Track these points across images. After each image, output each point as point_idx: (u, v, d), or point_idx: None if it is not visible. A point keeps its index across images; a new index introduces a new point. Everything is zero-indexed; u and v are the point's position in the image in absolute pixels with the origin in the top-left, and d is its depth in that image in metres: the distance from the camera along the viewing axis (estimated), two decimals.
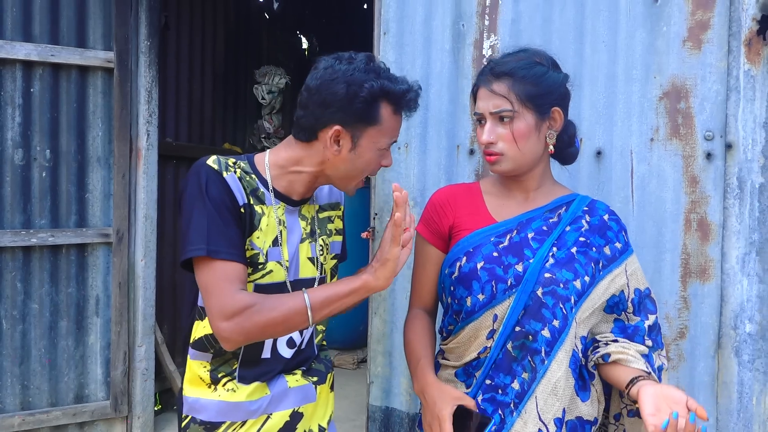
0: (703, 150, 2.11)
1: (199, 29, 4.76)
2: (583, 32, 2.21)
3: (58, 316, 3.13)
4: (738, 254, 2.09)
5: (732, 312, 2.10)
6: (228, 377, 1.58)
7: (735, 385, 2.11)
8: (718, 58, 2.09)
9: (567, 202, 1.71)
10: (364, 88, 1.47)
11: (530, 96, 1.59)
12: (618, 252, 1.67)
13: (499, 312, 1.59)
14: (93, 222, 3.20)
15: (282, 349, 1.61)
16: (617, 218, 1.73)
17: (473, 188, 1.77)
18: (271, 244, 1.56)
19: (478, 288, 1.60)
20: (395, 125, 1.56)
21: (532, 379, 1.57)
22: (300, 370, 1.66)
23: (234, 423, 1.57)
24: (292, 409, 1.61)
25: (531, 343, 1.56)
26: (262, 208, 1.55)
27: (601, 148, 2.19)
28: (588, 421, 1.62)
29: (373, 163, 1.56)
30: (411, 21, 2.35)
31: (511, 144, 1.59)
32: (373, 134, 1.52)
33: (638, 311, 1.66)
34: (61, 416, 3.11)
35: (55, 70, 3.08)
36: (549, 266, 1.59)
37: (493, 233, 1.65)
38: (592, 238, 1.65)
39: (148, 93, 3.32)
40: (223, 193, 1.48)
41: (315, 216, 1.67)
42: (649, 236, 2.15)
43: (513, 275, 1.58)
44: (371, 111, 1.50)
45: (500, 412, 1.59)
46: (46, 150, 3.07)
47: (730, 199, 2.10)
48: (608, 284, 1.64)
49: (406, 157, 2.36)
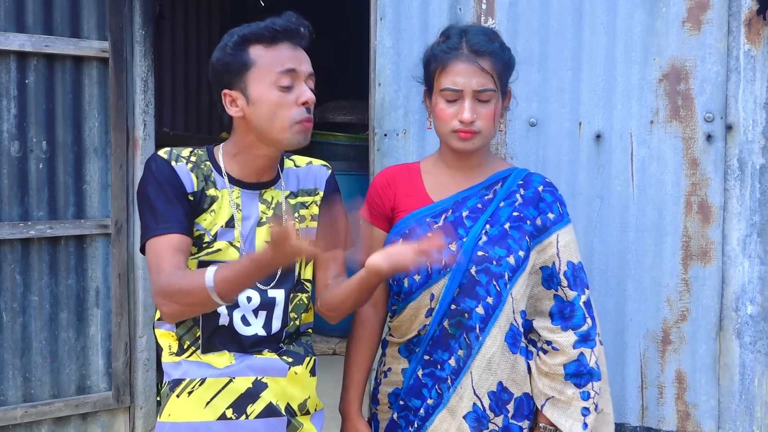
0: (704, 132, 2.10)
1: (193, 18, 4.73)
2: (582, 14, 2.19)
3: (59, 307, 3.12)
4: (739, 236, 2.09)
5: (733, 294, 2.10)
6: (192, 347, 1.62)
7: (737, 367, 2.11)
8: (717, 39, 2.07)
9: (503, 178, 1.73)
10: (227, 46, 1.55)
11: (503, 76, 1.65)
12: (550, 222, 1.69)
13: (435, 291, 1.64)
14: (91, 213, 3.18)
15: (238, 325, 1.61)
16: (553, 189, 1.74)
17: (413, 168, 1.79)
18: (223, 225, 1.60)
19: (414, 269, 1.63)
20: (276, 56, 1.54)
21: (467, 356, 1.62)
22: (269, 351, 1.65)
23: (193, 380, 1.59)
24: (255, 377, 1.60)
25: (467, 321, 1.62)
26: (216, 192, 1.61)
27: (600, 131, 2.18)
28: (530, 395, 1.69)
29: (281, 101, 1.53)
30: (408, 6, 2.33)
31: (488, 123, 1.62)
32: (255, 76, 1.53)
33: (574, 285, 1.68)
34: (63, 407, 3.11)
35: (49, 61, 3.05)
36: (482, 244, 1.62)
37: (428, 214, 1.68)
38: (526, 211, 1.67)
39: (143, 83, 3.29)
40: (172, 181, 1.57)
41: (283, 201, 1.67)
42: (649, 219, 2.15)
43: (446, 255, 1.60)
44: (239, 59, 1.54)
45: (437, 388, 1.65)
46: (42, 141, 3.05)
47: (731, 181, 2.09)
48: (537, 254, 1.67)
49: (405, 143, 2.34)
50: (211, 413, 1.58)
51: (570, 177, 2.20)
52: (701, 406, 2.14)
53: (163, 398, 1.64)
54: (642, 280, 2.16)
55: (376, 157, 2.37)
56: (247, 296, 1.61)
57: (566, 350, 1.64)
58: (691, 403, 2.15)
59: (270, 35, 1.54)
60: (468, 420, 1.62)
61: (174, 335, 1.63)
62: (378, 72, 2.36)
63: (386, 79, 2.34)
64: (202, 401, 1.58)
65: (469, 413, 1.61)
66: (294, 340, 1.71)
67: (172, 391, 1.61)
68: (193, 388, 1.59)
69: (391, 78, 2.34)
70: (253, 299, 1.62)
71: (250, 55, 1.54)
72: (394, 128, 2.35)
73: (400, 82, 2.32)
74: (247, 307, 1.61)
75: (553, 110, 2.22)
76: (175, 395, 1.60)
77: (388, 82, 2.34)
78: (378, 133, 2.37)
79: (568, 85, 2.20)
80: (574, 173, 2.20)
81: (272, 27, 1.54)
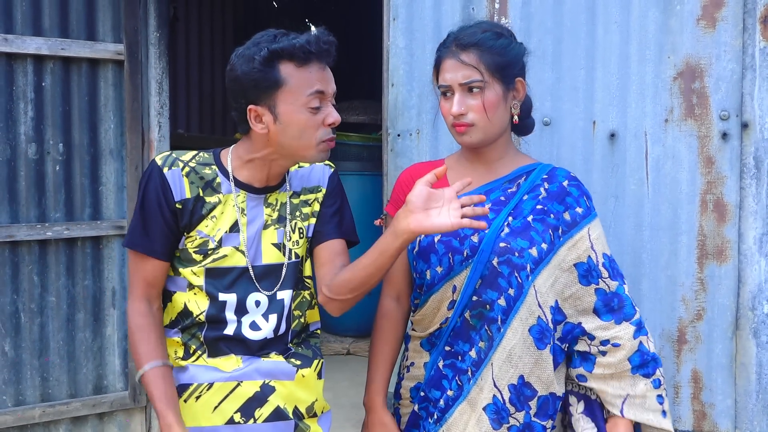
0: (719, 130, 2.08)
1: (207, 20, 4.75)
2: (595, 13, 2.18)
3: (75, 308, 3.15)
4: (755, 235, 2.07)
5: (749, 293, 2.08)
6: (198, 351, 1.62)
7: (753, 366, 2.10)
8: (732, 37, 2.06)
9: (527, 171, 1.72)
10: (254, 59, 1.50)
11: (498, 66, 1.62)
12: (579, 217, 1.67)
13: (457, 283, 1.64)
14: (107, 214, 3.21)
15: (246, 330, 1.61)
16: (578, 183, 1.73)
17: (437, 165, 1.78)
18: (228, 230, 1.60)
19: (436, 261, 1.65)
20: (307, 77, 1.52)
21: (488, 348, 1.61)
22: (276, 353, 1.65)
23: (201, 385, 1.59)
24: (263, 381, 1.60)
25: (488, 312, 1.61)
26: (219, 197, 1.60)
27: (614, 130, 2.17)
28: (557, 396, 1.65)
29: (309, 123, 1.53)
30: (420, 6, 2.33)
31: (481, 114, 1.61)
32: (286, 96, 1.51)
33: (614, 275, 1.67)
34: (80, 407, 3.14)
35: (65, 64, 3.08)
36: (504, 235, 1.61)
37: None
38: (550, 205, 1.66)
39: (158, 84, 3.32)
40: (159, 190, 1.57)
41: (287, 202, 1.67)
42: (664, 218, 2.14)
43: (469, 246, 1.62)
44: (270, 76, 1.50)
45: (458, 380, 1.65)
46: (59, 143, 3.08)
47: (747, 179, 2.08)
48: (568, 250, 1.65)
49: (418, 143, 2.35)
50: (220, 418, 1.59)
51: (584, 176, 2.19)
52: (717, 405, 2.13)
53: None
54: (657, 279, 2.15)
55: (389, 158, 2.38)
56: (255, 300, 1.61)
57: (627, 343, 1.62)
58: (707, 402, 2.14)
59: (304, 55, 1.51)
60: (488, 412, 1.61)
61: (179, 341, 1.63)
62: (391, 72, 2.36)
63: (399, 80, 2.35)
64: (210, 406, 1.59)
65: (489, 405, 1.61)
66: (302, 341, 1.71)
67: (179, 396, 1.60)
68: (201, 392, 1.59)
69: (404, 78, 2.34)
70: (261, 303, 1.61)
71: (281, 74, 1.50)
72: (407, 128, 2.35)
73: (413, 83, 2.33)
74: (255, 311, 1.61)
75: (567, 109, 2.21)
76: (182, 400, 1.60)
77: (401, 83, 2.35)
78: (391, 133, 2.37)
79: (581, 83, 2.20)
80: (588, 172, 2.20)
81: (306, 47, 1.51)
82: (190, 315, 1.61)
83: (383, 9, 2.38)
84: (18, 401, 3.04)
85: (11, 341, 3.02)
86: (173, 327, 1.65)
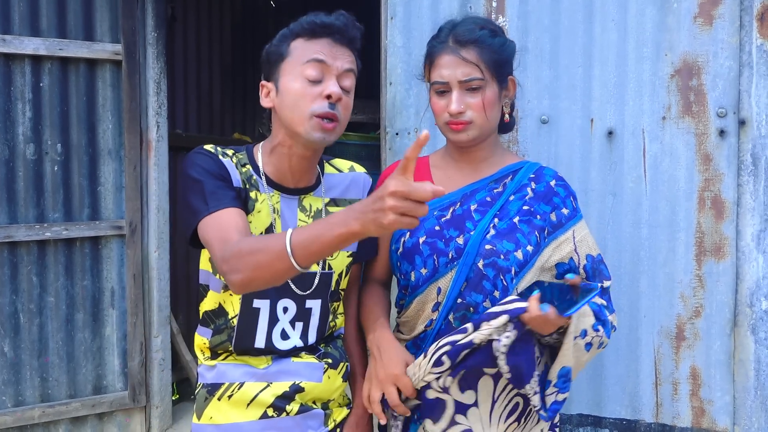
0: (716, 127, 2.09)
1: (205, 19, 4.74)
2: (593, 11, 2.18)
3: (74, 308, 3.15)
4: (753, 231, 2.08)
5: (748, 290, 2.09)
6: (226, 353, 1.62)
7: (752, 362, 2.10)
8: (729, 34, 2.06)
9: (513, 171, 1.70)
10: (275, 38, 1.55)
11: (496, 64, 1.60)
12: (564, 218, 1.66)
13: (442, 285, 1.61)
14: (106, 215, 3.21)
15: (277, 340, 1.61)
16: (565, 184, 1.71)
17: (421, 162, 1.76)
18: (263, 231, 1.56)
19: (421, 262, 1.63)
20: (310, 47, 1.51)
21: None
22: (306, 354, 1.65)
23: (232, 384, 1.59)
24: (293, 382, 1.61)
25: (472, 315, 1.58)
26: (257, 194, 1.57)
27: (612, 127, 2.18)
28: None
29: (304, 91, 1.49)
30: (418, 4, 2.34)
31: (480, 113, 1.59)
32: (287, 67, 1.52)
33: (593, 278, 1.65)
34: (80, 407, 3.15)
35: (63, 64, 3.08)
36: (489, 237, 1.59)
37: (436, 207, 1.65)
38: (537, 206, 1.64)
39: (156, 84, 3.32)
40: (220, 168, 1.52)
41: (323, 209, 1.65)
42: (662, 215, 2.14)
43: (454, 248, 1.60)
44: (278, 50, 1.53)
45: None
46: (57, 144, 3.08)
47: (744, 176, 2.08)
48: (552, 251, 1.63)
49: None
50: (254, 413, 1.59)
51: (582, 174, 2.20)
52: (716, 402, 2.13)
53: (199, 400, 1.64)
54: (655, 277, 2.15)
55: (387, 156, 2.38)
56: (284, 307, 1.60)
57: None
58: (705, 399, 2.14)
59: (310, 29, 1.51)
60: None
61: (207, 342, 1.63)
62: (389, 71, 2.37)
63: (397, 78, 2.35)
64: (243, 403, 1.59)
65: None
66: (329, 342, 1.72)
67: (211, 394, 1.61)
68: (233, 391, 1.59)
69: (402, 77, 2.34)
70: (289, 309, 1.60)
71: (290, 47, 1.52)
72: (405, 127, 2.35)
73: (411, 81, 2.33)
74: (284, 318, 1.60)
75: (565, 107, 2.21)
76: (215, 398, 1.60)
77: (399, 81, 2.35)
78: (389, 132, 2.38)
79: (579, 81, 2.20)
80: (586, 170, 2.20)
81: (313, 21, 1.51)
82: (224, 315, 1.60)
83: (381, 8, 2.38)
84: (17, 402, 3.04)
85: (10, 342, 3.02)
86: (204, 324, 1.64)
